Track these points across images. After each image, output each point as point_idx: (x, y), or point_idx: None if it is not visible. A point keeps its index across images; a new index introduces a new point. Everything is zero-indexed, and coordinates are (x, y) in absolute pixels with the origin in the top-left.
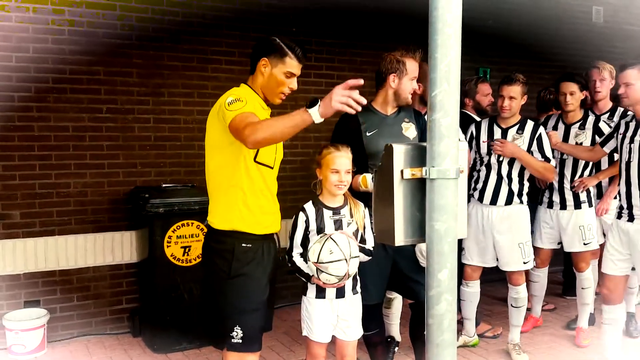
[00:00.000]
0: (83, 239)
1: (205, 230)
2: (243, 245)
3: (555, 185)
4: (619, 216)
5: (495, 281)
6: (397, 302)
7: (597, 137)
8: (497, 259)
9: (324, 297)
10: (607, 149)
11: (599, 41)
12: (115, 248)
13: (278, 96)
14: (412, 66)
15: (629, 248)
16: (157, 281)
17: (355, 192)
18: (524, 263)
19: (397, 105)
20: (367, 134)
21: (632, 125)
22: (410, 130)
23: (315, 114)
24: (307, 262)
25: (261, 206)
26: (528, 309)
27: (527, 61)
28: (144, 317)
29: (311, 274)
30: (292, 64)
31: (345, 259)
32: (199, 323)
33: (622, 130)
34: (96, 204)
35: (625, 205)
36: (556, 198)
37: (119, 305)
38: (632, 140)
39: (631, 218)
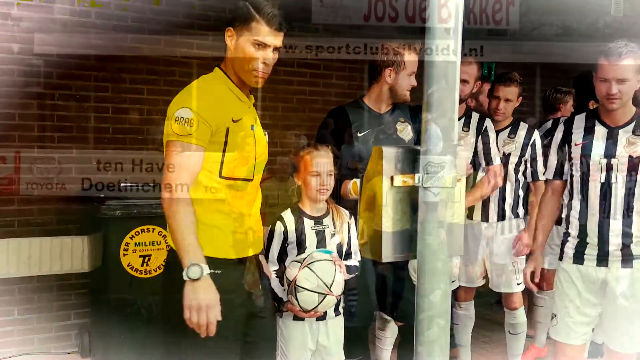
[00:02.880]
0: (27, 244)
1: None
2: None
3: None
4: (579, 260)
5: (493, 303)
6: (394, 324)
7: None
8: (487, 279)
9: (302, 319)
10: (566, 176)
11: (619, 37)
12: (64, 255)
13: (252, 74)
14: (411, 60)
15: (601, 304)
16: (111, 294)
17: (341, 200)
18: (518, 284)
19: (392, 102)
20: (359, 135)
21: (601, 133)
22: (406, 131)
23: (187, 275)
24: (282, 283)
25: None
26: (530, 337)
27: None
28: (95, 335)
29: (285, 299)
30: (261, 30)
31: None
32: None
33: (578, 139)
34: (43, 203)
35: (593, 243)
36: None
37: (67, 321)
38: (610, 155)
39: (603, 261)
